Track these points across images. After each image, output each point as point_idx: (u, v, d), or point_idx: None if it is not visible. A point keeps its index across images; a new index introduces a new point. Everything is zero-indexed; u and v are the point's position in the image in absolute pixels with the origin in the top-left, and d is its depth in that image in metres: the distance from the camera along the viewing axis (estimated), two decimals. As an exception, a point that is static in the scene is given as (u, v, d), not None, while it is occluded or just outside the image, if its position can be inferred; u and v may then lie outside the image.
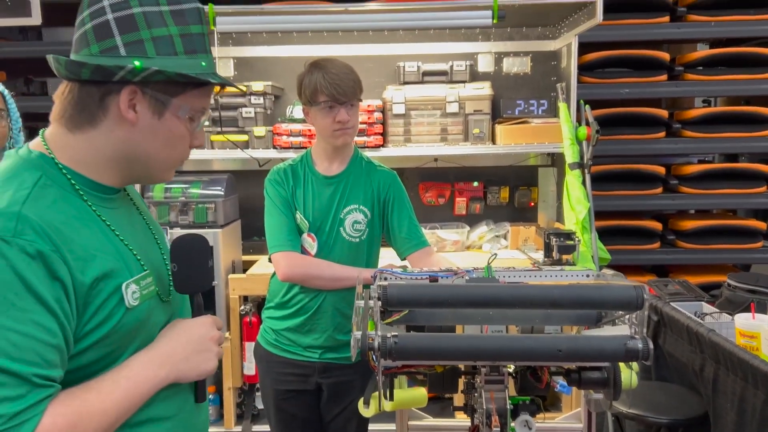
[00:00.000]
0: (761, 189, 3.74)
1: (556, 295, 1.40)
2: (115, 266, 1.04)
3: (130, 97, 1.03)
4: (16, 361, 0.88)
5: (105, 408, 0.98)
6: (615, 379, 1.57)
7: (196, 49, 1.07)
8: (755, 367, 1.88)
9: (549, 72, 3.55)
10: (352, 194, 2.06)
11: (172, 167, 1.15)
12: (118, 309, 1.03)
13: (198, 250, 1.18)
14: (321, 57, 2.07)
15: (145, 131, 1.06)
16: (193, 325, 1.15)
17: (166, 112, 1.06)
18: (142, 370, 1.05)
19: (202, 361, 1.12)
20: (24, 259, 0.90)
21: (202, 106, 1.11)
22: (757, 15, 3.61)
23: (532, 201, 3.59)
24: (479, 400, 1.55)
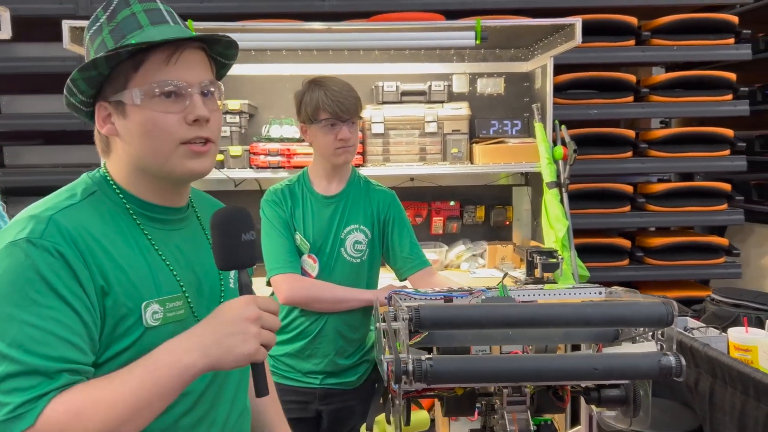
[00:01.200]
0: (722, 207, 3.88)
1: (590, 313, 1.39)
2: (141, 284, 1.04)
3: (104, 113, 1.08)
4: (31, 354, 0.91)
5: (114, 398, 0.93)
6: (635, 397, 1.58)
7: (124, 34, 1.05)
8: (757, 380, 1.91)
9: (522, 93, 3.60)
10: (352, 214, 2.03)
11: (175, 153, 1.07)
12: (136, 327, 1.03)
13: (239, 221, 1.08)
14: (319, 75, 2.05)
15: (126, 136, 1.08)
16: (227, 305, 1.04)
17: (126, 108, 1.06)
18: (163, 357, 0.97)
19: (238, 343, 0.99)
20: (47, 259, 0.95)
21: (157, 79, 1.04)
22: (715, 40, 3.78)
23: (507, 220, 3.62)
24: (500, 421, 1.53)
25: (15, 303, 0.92)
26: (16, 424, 0.89)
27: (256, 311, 1.02)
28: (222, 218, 1.08)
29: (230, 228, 1.07)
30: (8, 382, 0.90)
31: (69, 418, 0.91)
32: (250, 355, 1.01)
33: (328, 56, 3.43)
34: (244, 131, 3.32)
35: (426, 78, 3.47)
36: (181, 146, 1.07)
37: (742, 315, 2.35)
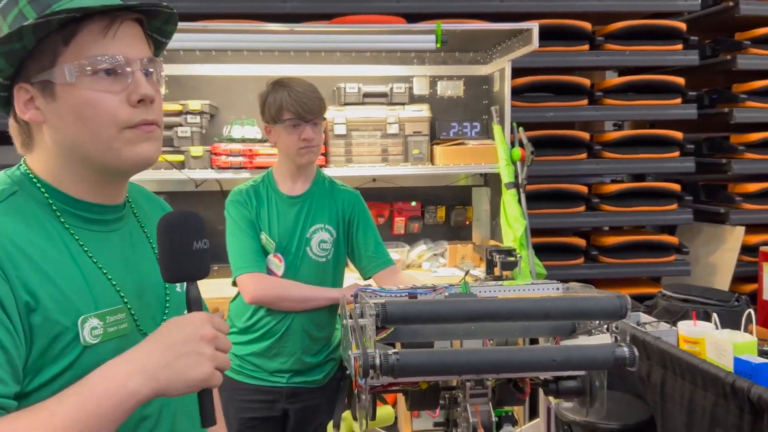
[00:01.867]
0: (672, 206, 4.04)
1: (548, 307, 1.45)
2: (75, 296, 0.91)
3: (25, 97, 0.94)
4: None
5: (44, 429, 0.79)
6: (591, 388, 1.64)
7: (49, 3, 0.90)
8: (705, 370, 2.01)
9: (481, 95, 3.68)
10: (317, 214, 2.05)
11: (119, 137, 0.95)
12: (73, 346, 0.89)
13: (190, 228, 0.96)
14: (283, 76, 2.06)
15: (56, 122, 0.94)
16: (177, 322, 0.91)
17: (55, 88, 0.92)
18: (100, 383, 0.83)
19: (190, 366, 0.86)
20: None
21: (95, 53, 0.92)
22: (665, 46, 3.92)
23: (467, 220, 3.69)
24: (463, 414, 1.57)
25: None
26: None
27: (212, 331, 0.90)
28: (170, 224, 0.95)
29: (179, 236, 0.95)
30: None
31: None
32: (203, 380, 0.88)
33: (289, 57, 3.44)
34: (205, 132, 3.31)
35: (387, 80, 3.51)
36: (125, 131, 0.94)
37: (691, 309, 2.46)
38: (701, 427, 2.04)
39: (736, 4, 3.98)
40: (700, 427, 2.05)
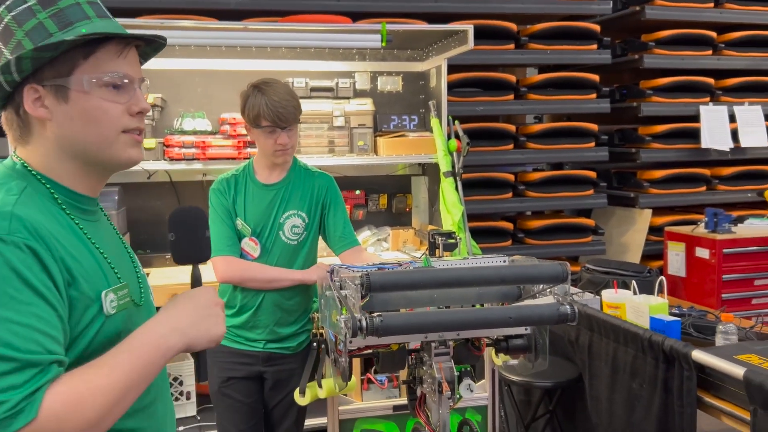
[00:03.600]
0: (589, 192, 4.44)
1: (505, 273, 1.71)
2: (94, 274, 1.06)
3: (34, 96, 1.04)
4: (19, 351, 0.90)
5: (108, 382, 0.95)
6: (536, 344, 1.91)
7: (71, 21, 1.04)
8: (626, 329, 2.35)
9: (418, 90, 3.93)
10: (291, 200, 2.23)
11: (117, 140, 1.09)
12: (98, 317, 1.04)
13: (195, 221, 1.18)
14: (263, 79, 2.19)
15: (63, 121, 1.05)
16: (196, 293, 1.12)
17: (69, 93, 1.04)
18: (146, 340, 1.02)
19: (211, 326, 1.08)
20: (19, 255, 0.94)
21: (109, 69, 1.06)
22: (581, 46, 4.31)
23: (407, 207, 3.94)
24: (428, 371, 1.80)
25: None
26: (18, 420, 0.89)
27: (220, 299, 1.14)
28: (183, 217, 1.16)
29: (192, 228, 1.16)
30: (1, 380, 0.89)
31: (68, 408, 0.92)
32: (220, 336, 1.10)
33: (236, 52, 3.57)
34: (155, 124, 3.40)
35: (331, 75, 3.71)
36: (122, 134, 1.09)
37: (611, 280, 2.81)
38: (624, 378, 2.38)
39: (642, 9, 4.42)
40: (623, 378, 2.39)
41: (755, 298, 4.14)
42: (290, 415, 2.33)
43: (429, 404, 1.81)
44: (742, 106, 4.72)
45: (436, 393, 1.73)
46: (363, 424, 2.52)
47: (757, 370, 1.89)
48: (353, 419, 2.48)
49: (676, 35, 4.52)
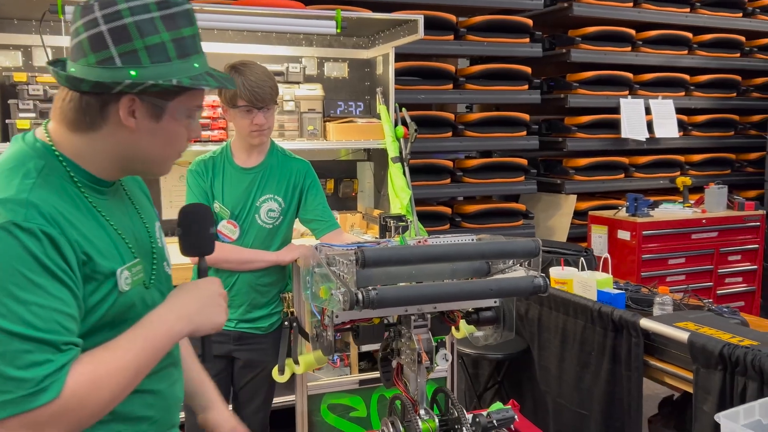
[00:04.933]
0: (520, 178, 4.68)
1: (484, 249, 1.83)
2: (108, 253, 1.10)
3: (129, 105, 1.08)
4: (40, 330, 0.96)
5: (124, 364, 1.03)
6: (504, 316, 2.06)
7: (188, 52, 1.09)
8: (575, 302, 2.55)
9: (363, 77, 4.01)
10: (268, 185, 2.27)
11: (171, 162, 1.20)
12: (112, 293, 1.10)
13: (202, 217, 1.29)
14: (241, 60, 2.21)
15: (144, 134, 1.11)
16: (202, 283, 1.22)
17: (163, 115, 1.11)
18: (159, 327, 1.10)
19: (215, 314, 1.19)
20: (35, 241, 0.98)
21: (196, 104, 1.16)
22: (515, 39, 4.52)
23: (353, 191, 4.03)
24: (407, 343, 1.91)
25: (15, 284, 0.95)
26: (41, 397, 0.94)
27: (224, 290, 1.24)
28: (192, 215, 1.27)
29: (200, 224, 1.27)
30: (24, 358, 0.94)
31: (89, 387, 0.98)
32: (221, 323, 1.21)
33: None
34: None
35: (279, 60, 3.72)
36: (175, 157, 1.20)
37: (554, 259, 3.02)
38: (573, 347, 2.59)
39: (570, 5, 4.69)
40: (572, 347, 2.59)
41: (669, 276, 4.53)
42: (259, 394, 2.39)
43: (407, 374, 1.92)
44: (656, 99, 5.11)
45: (415, 363, 1.84)
46: (330, 399, 2.60)
47: (698, 334, 2.12)
48: (321, 394, 2.56)
49: (599, 32, 4.83)
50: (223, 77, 1.15)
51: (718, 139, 5.53)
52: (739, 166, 5.71)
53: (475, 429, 1.87)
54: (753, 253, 4.84)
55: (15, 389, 0.93)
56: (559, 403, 2.67)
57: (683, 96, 5.30)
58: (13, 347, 0.94)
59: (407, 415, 1.86)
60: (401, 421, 1.89)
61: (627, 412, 2.36)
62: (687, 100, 5.33)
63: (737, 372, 1.94)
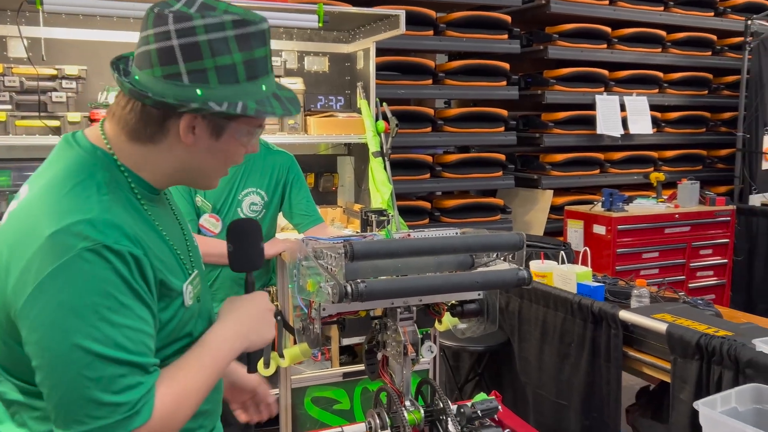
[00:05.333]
0: (498, 174, 4.73)
1: (471, 242, 1.87)
2: (176, 270, 1.13)
3: (191, 122, 1.06)
4: (133, 354, 0.97)
5: (200, 385, 1.08)
6: (488, 308, 2.09)
7: (257, 75, 1.06)
8: (556, 295, 2.60)
9: (344, 72, 4.01)
10: (250, 178, 2.26)
11: (221, 176, 1.20)
12: (181, 309, 1.12)
13: (252, 233, 1.30)
14: None
15: (202, 150, 1.10)
16: (254, 300, 1.25)
17: (224, 134, 1.09)
18: (222, 346, 1.14)
19: (267, 331, 1.24)
20: (124, 264, 0.98)
21: (258, 124, 1.14)
22: (494, 35, 4.56)
23: (334, 186, 4.03)
24: (393, 335, 1.93)
25: (108, 307, 0.95)
26: (136, 420, 0.96)
27: (272, 305, 1.28)
28: (244, 230, 1.29)
29: (250, 239, 1.29)
30: (119, 383, 0.95)
31: (174, 407, 1.02)
32: (271, 338, 1.26)
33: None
34: (77, 97, 3.26)
35: (260, 53, 3.70)
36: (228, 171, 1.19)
37: (537, 252, 3.06)
38: (553, 339, 2.64)
39: (547, 2, 4.74)
40: (552, 339, 2.64)
41: (643, 270, 4.62)
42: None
43: (392, 366, 1.94)
44: (631, 96, 5.19)
45: (401, 355, 1.86)
46: (314, 392, 2.62)
47: (675, 325, 2.18)
48: (305, 388, 2.58)
49: (576, 29, 4.89)
50: (289, 97, 1.13)
51: (690, 136, 5.65)
52: (710, 163, 5.84)
53: (459, 420, 1.90)
54: (723, 247, 4.96)
55: (110, 414, 0.95)
56: (539, 394, 2.71)
57: (657, 93, 5.40)
58: (108, 372, 0.95)
59: (393, 406, 1.88)
60: (387, 412, 1.91)
61: (606, 403, 2.41)
62: (660, 97, 5.43)
63: (713, 361, 2.00)
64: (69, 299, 0.94)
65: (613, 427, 2.42)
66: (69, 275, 0.94)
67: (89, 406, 0.94)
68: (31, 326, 0.96)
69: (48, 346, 0.94)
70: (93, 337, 0.94)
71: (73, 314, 0.94)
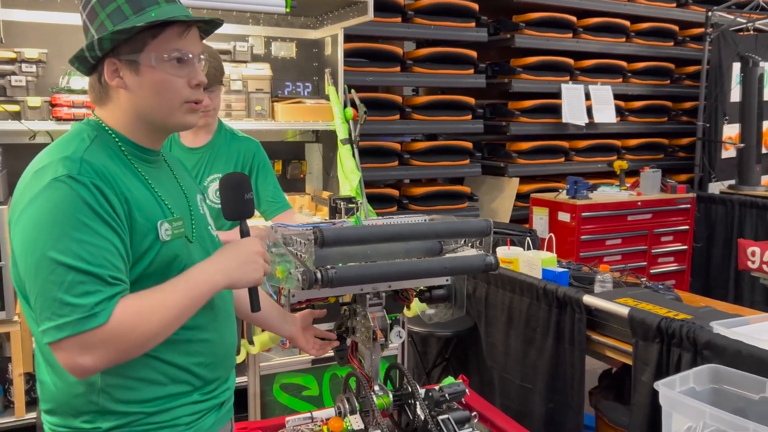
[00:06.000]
0: (466, 161, 4.77)
1: (439, 228, 1.88)
2: (151, 208, 1.26)
3: (112, 68, 1.25)
4: (92, 265, 1.12)
5: (166, 303, 1.18)
6: (456, 294, 2.12)
7: (143, 6, 1.22)
8: (522, 280, 2.64)
9: (311, 58, 3.99)
10: (215, 164, 2.24)
11: (180, 109, 1.29)
12: (155, 243, 1.24)
13: (242, 184, 1.39)
14: None
15: (135, 89, 1.26)
16: (242, 242, 1.34)
17: (140, 67, 1.24)
18: (199, 275, 1.24)
19: (251, 270, 1.30)
20: (88, 191, 1.15)
21: (173, 47, 1.25)
22: (462, 23, 4.58)
23: (302, 173, 4.01)
24: (362, 321, 1.94)
25: (72, 226, 1.12)
26: (92, 321, 1.10)
27: (263, 248, 1.36)
28: (234, 182, 1.39)
29: (239, 190, 1.38)
30: (78, 288, 1.10)
31: (135, 318, 1.13)
32: (257, 280, 1.32)
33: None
34: (38, 81, 3.18)
35: (226, 38, 3.65)
36: (183, 104, 1.29)
37: (503, 238, 3.10)
38: (519, 323, 2.68)
39: (514, -9, 4.78)
40: (518, 323, 2.69)
41: (606, 256, 4.71)
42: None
43: (361, 351, 1.95)
44: (595, 85, 5.27)
45: (370, 341, 1.87)
46: (283, 379, 2.62)
47: (637, 309, 2.24)
48: (273, 374, 2.58)
49: (542, 18, 4.93)
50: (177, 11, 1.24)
51: (653, 125, 5.76)
52: (671, 151, 5.97)
53: (428, 403, 1.93)
54: (684, 234, 5.09)
55: (71, 313, 1.10)
56: (505, 378, 2.76)
57: (621, 82, 5.49)
58: (69, 278, 1.10)
59: (362, 391, 1.90)
60: (356, 397, 1.93)
61: (570, 385, 2.47)
62: (624, 86, 5.52)
63: (673, 344, 2.06)
64: (41, 219, 1.13)
65: (577, 409, 2.48)
66: (41, 201, 1.14)
67: (55, 305, 1.10)
68: (15, 244, 1.17)
69: (25, 258, 1.14)
70: (57, 249, 1.11)
71: (43, 231, 1.12)
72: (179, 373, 1.30)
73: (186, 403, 1.31)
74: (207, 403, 1.37)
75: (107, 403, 1.22)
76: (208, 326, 1.35)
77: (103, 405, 1.22)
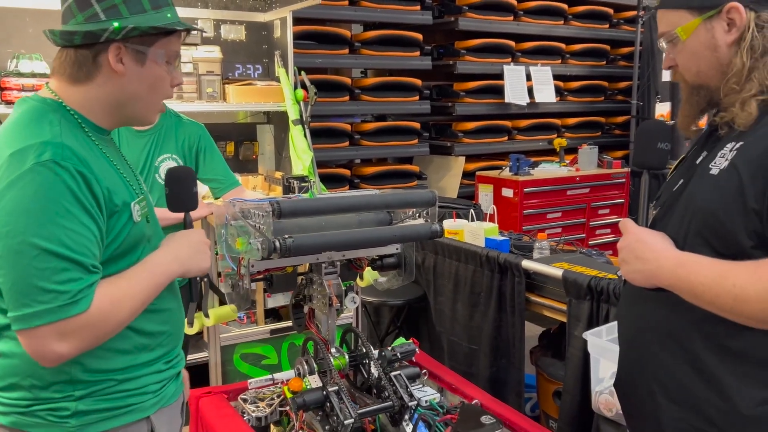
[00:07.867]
0: (414, 141, 4.92)
1: (389, 199, 2.04)
2: (121, 189, 1.30)
3: (117, 52, 1.26)
4: (76, 253, 1.15)
5: (135, 292, 1.25)
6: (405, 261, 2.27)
7: (160, 4, 1.29)
8: (467, 249, 2.82)
9: (261, 40, 4.06)
10: (164, 145, 2.34)
11: (157, 107, 1.37)
12: (128, 223, 1.29)
13: (187, 178, 1.47)
14: None
15: (132, 78, 1.29)
16: (190, 233, 1.45)
17: (146, 60, 1.29)
18: (159, 265, 1.32)
19: (202, 260, 1.41)
20: (72, 178, 1.17)
21: (174, 50, 1.34)
22: (408, 6, 4.71)
23: (254, 154, 4.10)
24: (318, 288, 2.08)
25: (57, 212, 1.13)
26: (74, 308, 1.13)
27: (208, 240, 1.46)
28: (178, 176, 1.47)
29: (184, 184, 1.47)
30: (62, 275, 1.12)
31: (110, 306, 1.18)
32: (206, 269, 1.43)
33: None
34: (-16, 65, 3.19)
35: (176, 21, 3.70)
36: (161, 102, 1.37)
37: (449, 212, 3.28)
38: (464, 290, 2.87)
39: (457, -25, 4.92)
40: (464, 290, 2.87)
41: (548, 229, 4.96)
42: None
43: (318, 317, 2.09)
44: (536, 66, 5.49)
45: (326, 306, 2.02)
46: (242, 349, 2.74)
47: (570, 271, 2.44)
48: (233, 345, 2.70)
49: (484, 1, 5.11)
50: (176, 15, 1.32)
51: (590, 104, 6.03)
52: (608, 129, 6.27)
53: (381, 362, 2.09)
54: (619, 206, 5.38)
55: (53, 300, 1.11)
56: (453, 341, 2.95)
57: (560, 64, 5.73)
58: (52, 264, 1.12)
59: (320, 353, 2.04)
60: (314, 359, 2.07)
61: (512, 344, 2.67)
62: (563, 67, 5.76)
63: (602, 300, 2.27)
64: (22, 203, 1.12)
65: (518, 367, 2.69)
66: (23, 184, 1.13)
67: (35, 291, 1.11)
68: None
69: (4, 241, 1.12)
70: (41, 234, 1.12)
71: (26, 215, 1.12)
72: (147, 341, 1.35)
73: (152, 371, 1.36)
74: (168, 372, 1.43)
75: (78, 373, 1.24)
76: (169, 296, 1.43)
77: (74, 375, 1.24)
